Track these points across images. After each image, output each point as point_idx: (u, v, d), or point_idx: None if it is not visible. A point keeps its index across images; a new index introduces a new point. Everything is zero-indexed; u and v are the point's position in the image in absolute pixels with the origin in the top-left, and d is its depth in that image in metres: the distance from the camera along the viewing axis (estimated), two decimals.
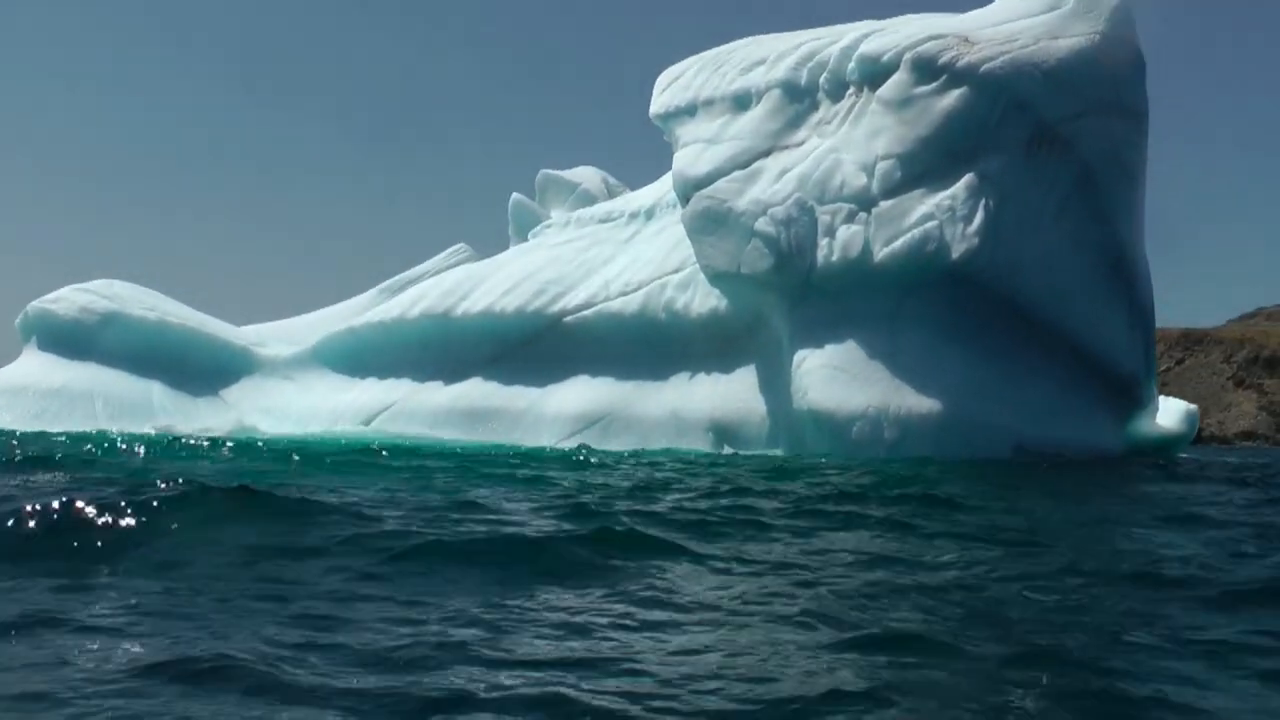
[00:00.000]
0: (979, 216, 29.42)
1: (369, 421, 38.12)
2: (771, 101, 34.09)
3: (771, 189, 31.42)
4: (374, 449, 28.22)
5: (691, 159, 33.86)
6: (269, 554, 9.17)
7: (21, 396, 41.11)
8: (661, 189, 41.34)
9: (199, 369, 42.44)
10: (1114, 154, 32.28)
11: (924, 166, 30.22)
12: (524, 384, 36.55)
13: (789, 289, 30.66)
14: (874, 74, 32.24)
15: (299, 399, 40.77)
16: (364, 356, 40.67)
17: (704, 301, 34.10)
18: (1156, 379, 36.23)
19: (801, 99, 33.84)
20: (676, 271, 35.46)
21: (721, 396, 32.94)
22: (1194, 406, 39.84)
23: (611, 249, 38.89)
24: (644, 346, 34.89)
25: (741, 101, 34.91)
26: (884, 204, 30.03)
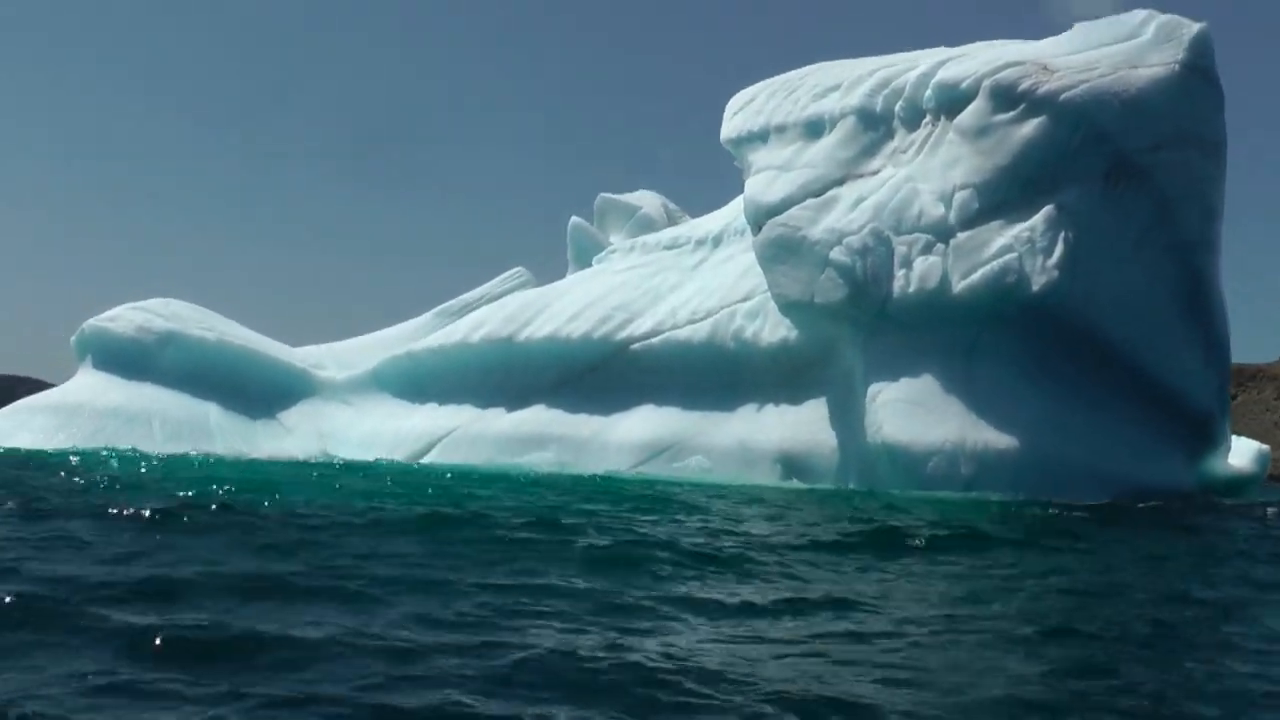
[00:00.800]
0: (1058, 249, 29.25)
1: (430, 448, 38.11)
2: (846, 128, 34.05)
3: (847, 218, 31.35)
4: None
5: (764, 186, 33.83)
6: None
7: (77, 416, 41.06)
8: (728, 215, 41.34)
9: (256, 391, 42.46)
10: (1192, 186, 31.96)
11: (1002, 197, 30.10)
12: (588, 411, 36.45)
13: (863, 320, 30.58)
14: (951, 101, 32.16)
15: (358, 424, 40.83)
16: (424, 381, 40.66)
17: (774, 331, 34.03)
18: (1230, 417, 35.86)
19: (876, 126, 33.78)
20: (745, 300, 35.41)
21: (790, 428, 32.84)
22: (1265, 447, 39.50)
23: (678, 276, 38.86)
24: (711, 375, 34.83)
25: (815, 128, 34.89)
26: (962, 235, 29.92)
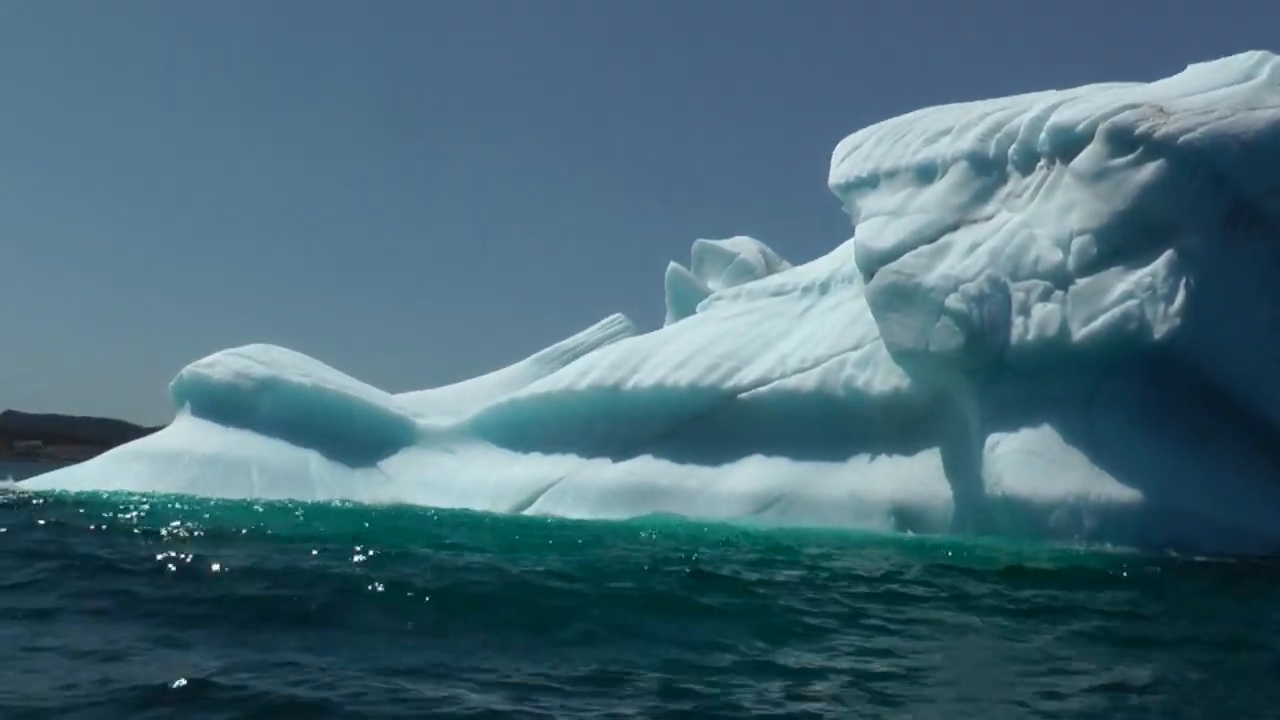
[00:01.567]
0: (1180, 295, 28.93)
1: (534, 498, 38.05)
2: (958, 173, 33.92)
3: (961, 264, 31.19)
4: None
5: (875, 232, 33.73)
6: None
7: (176, 464, 41.31)
8: (834, 262, 41.25)
9: (356, 439, 42.51)
10: None
11: (1121, 242, 29.86)
12: (696, 462, 36.21)
13: (979, 368, 30.38)
14: (1067, 145, 31.97)
15: (460, 473, 40.73)
16: (527, 430, 40.53)
17: (885, 380, 33.91)
18: None
19: (989, 171, 33.63)
20: (855, 348, 35.31)
21: (903, 479, 32.63)
22: None
23: (785, 323, 38.75)
24: (821, 425, 34.65)
25: (926, 173, 34.78)
26: (1081, 281, 29.69)
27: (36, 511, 27.29)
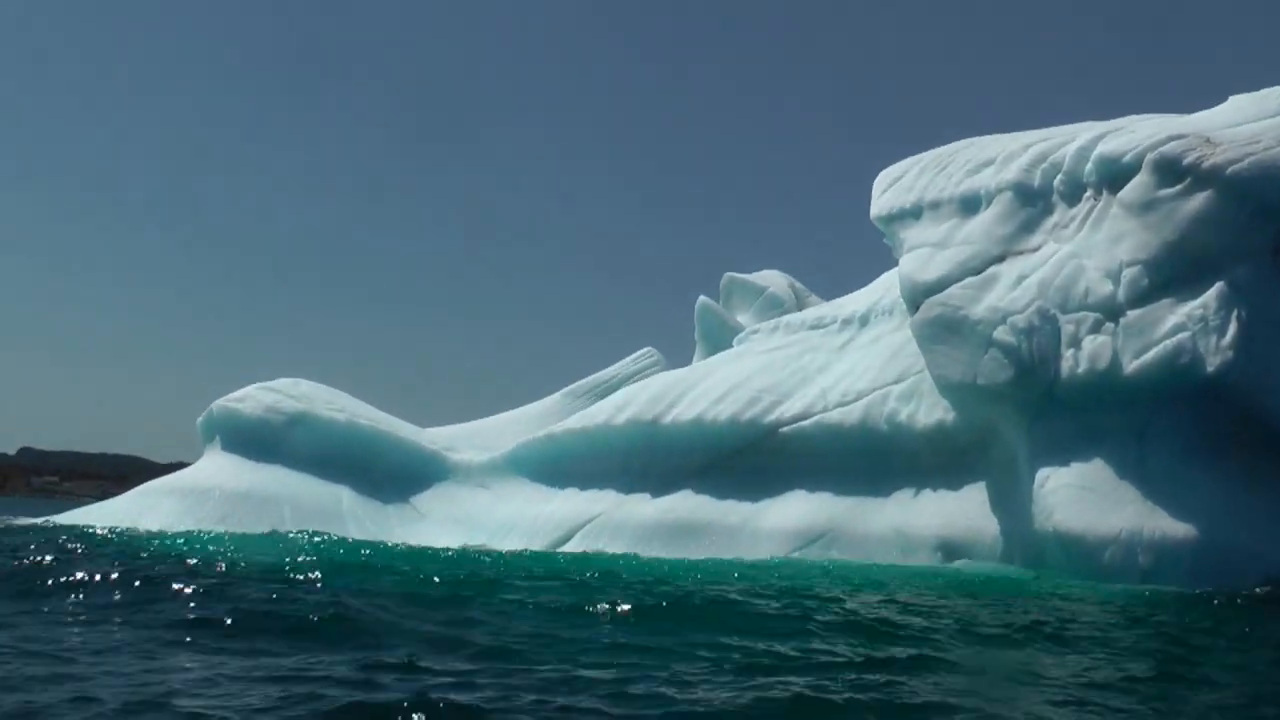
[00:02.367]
0: (1232, 327, 28.78)
1: (571, 535, 37.74)
2: (1003, 204, 33.81)
3: (1009, 296, 31.04)
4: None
5: (920, 264, 33.61)
6: None
7: (206, 499, 41.06)
8: (873, 294, 41.14)
9: (388, 474, 42.35)
10: None
11: (1171, 273, 29.74)
12: (737, 497, 35.92)
13: (1029, 402, 30.18)
14: (1114, 175, 31.89)
15: (496, 509, 40.50)
16: (564, 465, 40.31)
17: (929, 413, 33.73)
18: None
19: (1035, 201, 33.53)
20: (898, 382, 35.14)
21: (949, 514, 32.40)
22: None
23: (825, 357, 38.58)
24: (864, 460, 34.45)
25: (970, 204, 34.68)
26: (1132, 313, 29.53)
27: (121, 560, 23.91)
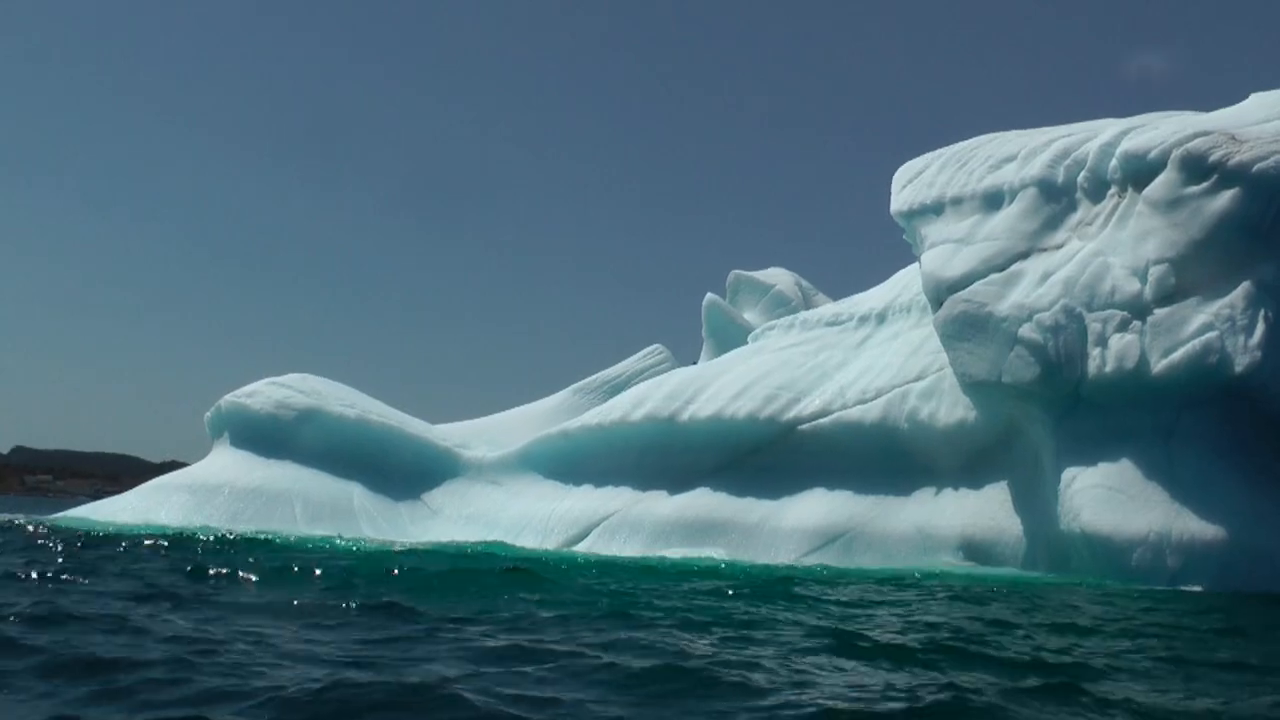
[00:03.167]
0: (1259, 327, 28.68)
1: (587, 533, 37.60)
2: (1026, 200, 33.67)
3: (1035, 293, 30.89)
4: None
5: (943, 260, 33.46)
6: None
7: (216, 496, 40.92)
8: (890, 291, 40.95)
9: (399, 471, 42.20)
10: None
11: (1198, 272, 29.63)
12: (755, 495, 35.75)
13: (1054, 400, 30.07)
14: (1139, 172, 31.77)
15: (509, 506, 40.39)
16: (579, 462, 40.19)
17: (950, 411, 33.57)
18: None
19: (1058, 198, 33.39)
20: (918, 379, 34.97)
21: (971, 513, 32.25)
22: None
23: (843, 354, 38.40)
24: (885, 458, 34.31)
25: (993, 200, 34.53)
26: (1159, 312, 29.41)
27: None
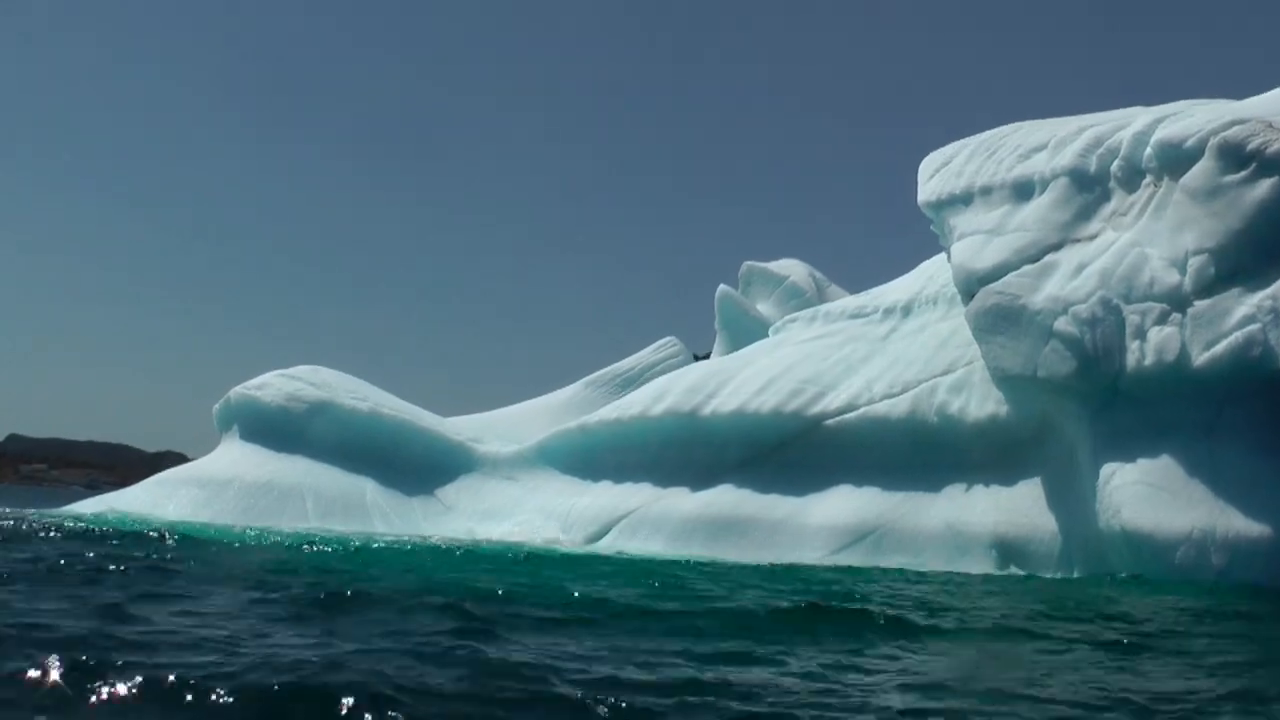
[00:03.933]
0: None
1: (607, 530, 36.86)
2: (1058, 190, 33.08)
3: (1070, 285, 30.31)
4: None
5: (974, 251, 32.84)
6: None
7: (226, 491, 40.21)
8: (915, 283, 40.28)
9: (412, 465, 41.44)
10: None
11: (1239, 262, 29.08)
12: (780, 492, 34.90)
13: (1091, 395, 29.49)
14: (1175, 161, 31.21)
15: (525, 502, 39.67)
16: (597, 457, 39.48)
17: (981, 406, 32.94)
18: None
19: (1091, 188, 32.80)
20: (947, 373, 34.32)
21: (1004, 511, 31.55)
22: None
23: (868, 347, 37.63)
24: (913, 454, 33.56)
25: (1023, 190, 33.94)
26: (1199, 303, 28.82)
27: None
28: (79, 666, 9.19)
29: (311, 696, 8.59)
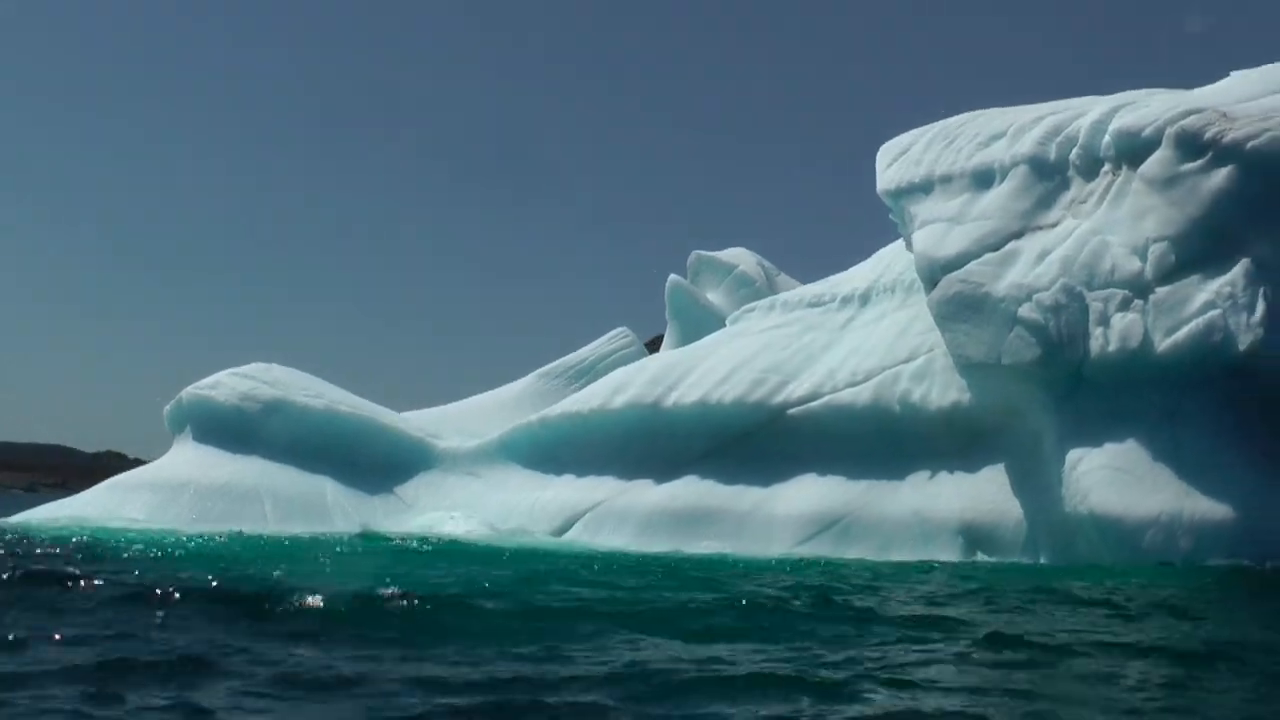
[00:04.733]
0: (1259, 305, 28.61)
1: (571, 524, 36.96)
2: (1018, 178, 33.35)
3: (1033, 273, 30.61)
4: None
5: (936, 239, 33.05)
6: None
7: (182, 494, 39.42)
8: (873, 271, 40.49)
9: (372, 463, 41.04)
10: None
11: (1198, 249, 29.51)
12: (745, 483, 35.12)
13: (1056, 381, 29.81)
14: (1133, 150, 31.60)
15: (487, 498, 39.48)
16: (559, 451, 39.35)
17: (944, 394, 33.17)
18: None
19: (1051, 176, 33.11)
20: (909, 361, 34.51)
21: (970, 498, 31.83)
22: None
23: (828, 336, 37.76)
24: (877, 442, 33.76)
25: (983, 178, 34.17)
26: (1160, 290, 29.24)
27: None
28: None
29: None
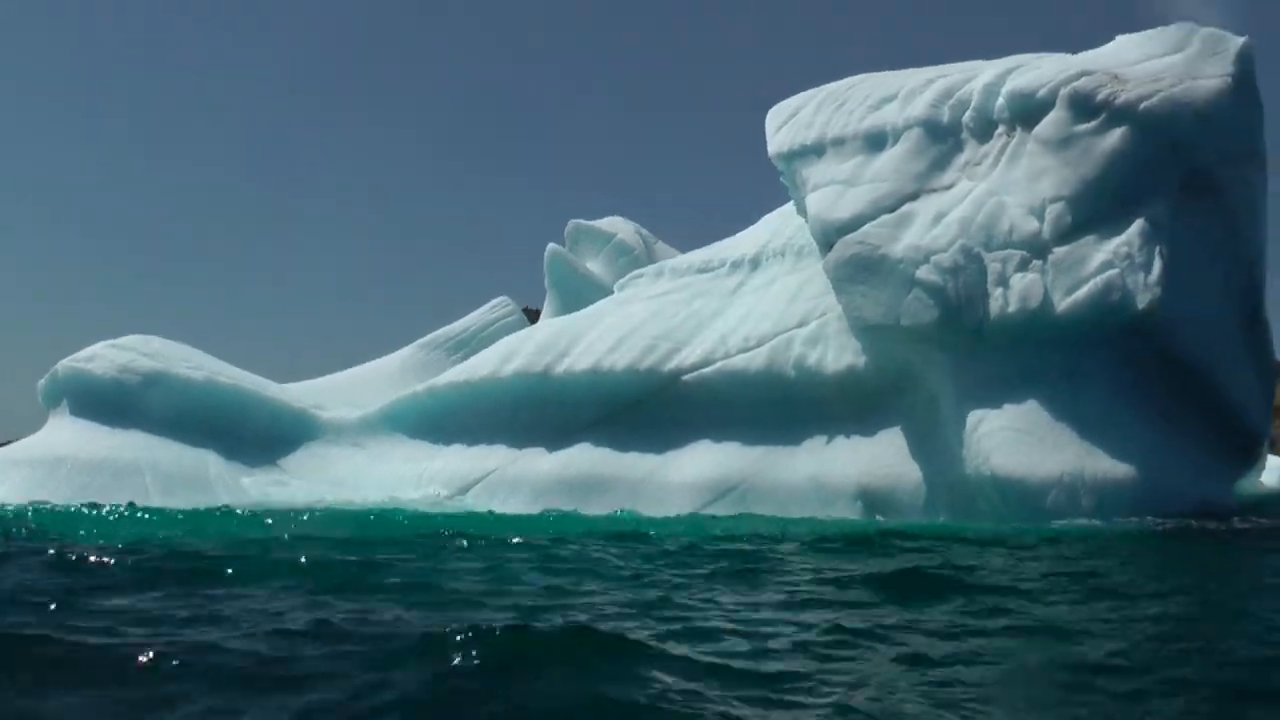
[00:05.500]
0: (1156, 264, 28.86)
1: (465, 491, 36.45)
2: (911, 141, 33.29)
3: (930, 234, 30.51)
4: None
5: (830, 202, 32.85)
6: None
7: (60, 470, 37.99)
8: (761, 236, 40.27)
9: (254, 435, 40.04)
10: (1252, 201, 31.90)
11: (1094, 210, 29.72)
12: (640, 450, 34.76)
13: (955, 343, 29.70)
14: (1027, 111, 31.80)
15: (374, 469, 38.74)
16: (447, 420, 38.73)
17: (838, 358, 33.01)
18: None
19: (944, 138, 33.12)
20: (801, 325, 34.32)
21: (867, 461, 31.67)
22: None
23: (717, 301, 37.49)
24: (771, 407, 33.56)
25: (876, 141, 34.09)
26: (1058, 250, 29.33)
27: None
28: None
29: None
